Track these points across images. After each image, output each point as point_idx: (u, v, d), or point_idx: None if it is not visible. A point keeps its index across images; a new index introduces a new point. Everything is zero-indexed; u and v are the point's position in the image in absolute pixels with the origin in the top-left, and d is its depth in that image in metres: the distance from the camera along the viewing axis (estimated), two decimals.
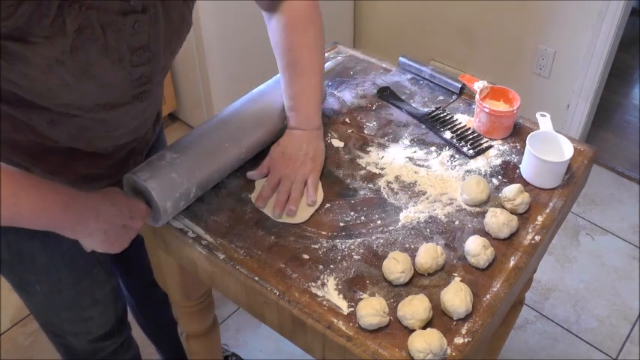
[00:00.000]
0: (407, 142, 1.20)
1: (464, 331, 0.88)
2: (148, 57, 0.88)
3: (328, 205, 1.06)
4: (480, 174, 1.13)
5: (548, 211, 1.06)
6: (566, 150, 1.10)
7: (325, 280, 0.94)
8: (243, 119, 1.11)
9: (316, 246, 0.99)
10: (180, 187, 0.98)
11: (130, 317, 1.39)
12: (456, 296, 0.89)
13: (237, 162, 1.09)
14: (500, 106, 1.21)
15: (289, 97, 1.12)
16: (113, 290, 1.24)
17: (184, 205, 1.02)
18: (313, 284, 0.94)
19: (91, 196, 0.90)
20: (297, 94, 1.12)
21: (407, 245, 1.00)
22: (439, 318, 0.90)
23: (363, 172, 1.13)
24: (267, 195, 1.06)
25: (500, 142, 1.20)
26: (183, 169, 0.99)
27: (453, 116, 1.25)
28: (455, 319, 0.89)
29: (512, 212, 1.04)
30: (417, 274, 0.95)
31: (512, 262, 0.98)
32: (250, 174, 1.10)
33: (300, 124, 1.12)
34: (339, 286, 0.94)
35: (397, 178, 1.12)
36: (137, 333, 1.45)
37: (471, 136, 1.20)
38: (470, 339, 0.87)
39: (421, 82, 1.36)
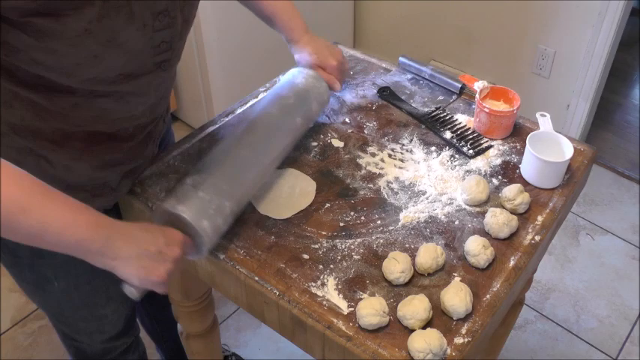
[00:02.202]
0: (406, 142, 1.20)
1: (464, 331, 0.88)
2: (167, 22, 0.90)
3: (328, 205, 1.06)
4: (480, 174, 1.13)
5: (548, 211, 1.06)
6: (566, 150, 1.10)
7: (325, 280, 0.94)
8: (258, 123, 1.09)
9: (316, 246, 0.99)
10: (211, 203, 0.93)
11: None
12: (456, 296, 0.89)
13: (264, 166, 1.05)
14: (501, 106, 1.21)
15: (278, 9, 1.20)
16: None
17: (225, 224, 0.96)
18: (313, 284, 0.94)
19: (123, 222, 0.86)
20: (287, 9, 1.21)
21: (407, 245, 1.00)
22: (439, 318, 0.90)
23: (363, 172, 1.13)
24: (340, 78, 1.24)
25: (500, 142, 1.20)
26: (209, 187, 0.95)
27: (453, 116, 1.25)
28: (455, 319, 0.89)
29: (512, 212, 1.04)
30: (416, 274, 0.95)
31: (512, 262, 0.98)
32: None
33: (305, 30, 1.23)
34: (339, 286, 0.94)
35: (397, 178, 1.12)
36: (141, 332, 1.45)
37: (471, 136, 1.20)
38: (470, 339, 0.87)
39: (421, 82, 1.36)
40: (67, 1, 0.74)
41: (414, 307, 0.87)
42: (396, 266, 0.93)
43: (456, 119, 1.25)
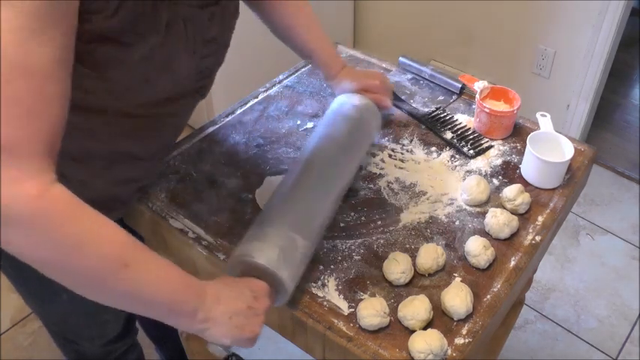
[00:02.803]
0: (407, 142, 1.20)
1: (464, 331, 0.88)
2: (215, 49, 0.90)
3: None
4: (480, 174, 1.13)
5: (548, 211, 1.06)
6: (566, 150, 1.10)
7: (326, 281, 0.94)
8: (322, 165, 1.03)
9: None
10: (289, 249, 0.88)
11: None
12: (457, 297, 0.89)
13: (332, 205, 1.00)
14: (501, 106, 1.21)
15: (318, 46, 1.18)
16: None
17: (301, 265, 0.91)
18: (313, 284, 0.94)
19: (207, 282, 0.82)
20: (322, 39, 1.20)
21: (407, 245, 1.00)
22: (439, 318, 0.90)
23: (363, 172, 1.13)
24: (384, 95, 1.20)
25: (500, 142, 1.20)
26: (283, 232, 0.90)
27: (453, 116, 1.25)
28: (455, 319, 0.89)
29: (513, 212, 1.04)
30: (417, 275, 0.95)
31: (512, 263, 0.98)
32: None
33: (342, 65, 1.21)
34: (340, 287, 0.94)
35: (397, 178, 1.12)
36: (140, 334, 1.45)
37: (471, 136, 1.20)
38: (470, 339, 0.87)
39: (421, 82, 1.36)
40: (137, 26, 0.72)
41: (415, 308, 0.87)
42: (396, 267, 0.93)
43: (456, 119, 1.24)
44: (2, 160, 0.62)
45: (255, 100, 1.31)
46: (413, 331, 0.87)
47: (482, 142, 1.19)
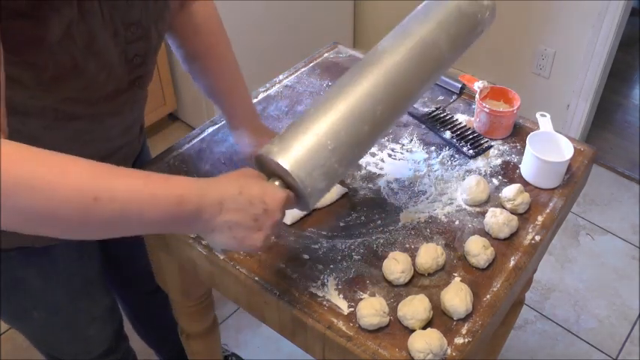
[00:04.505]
0: (406, 141, 1.20)
1: (464, 331, 0.88)
2: (140, 34, 0.88)
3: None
4: (480, 174, 1.13)
5: (548, 211, 1.06)
6: (566, 150, 1.10)
7: (325, 280, 0.94)
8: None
9: (316, 246, 0.99)
10: (323, 158, 0.80)
11: (128, 326, 1.38)
12: (456, 296, 0.89)
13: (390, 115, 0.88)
14: (501, 106, 1.21)
15: (231, 95, 1.08)
16: (110, 305, 1.23)
17: (335, 176, 0.83)
18: (313, 284, 0.94)
19: (214, 184, 0.75)
20: (238, 89, 1.08)
21: (407, 245, 1.00)
22: (439, 318, 0.90)
23: (363, 172, 1.13)
24: None
25: (500, 142, 1.20)
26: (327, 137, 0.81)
27: (453, 116, 1.25)
28: (455, 319, 0.89)
29: (513, 212, 1.04)
30: (417, 274, 0.95)
31: (512, 262, 0.98)
32: None
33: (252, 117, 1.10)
34: (339, 286, 0.94)
35: (397, 178, 1.12)
36: (135, 339, 1.45)
37: (471, 136, 1.20)
38: (470, 339, 0.87)
39: None
40: (46, 1, 0.71)
41: (415, 308, 0.87)
42: (396, 266, 0.93)
43: (456, 119, 1.24)
44: None
45: (255, 100, 1.31)
46: (412, 331, 0.87)
47: (482, 141, 1.19)
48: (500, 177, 1.13)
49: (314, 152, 0.80)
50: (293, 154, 0.79)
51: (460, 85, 1.31)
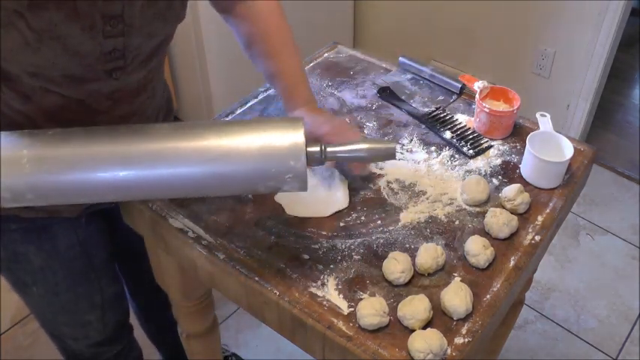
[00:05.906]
0: (406, 141, 1.20)
1: (464, 331, 0.88)
2: (121, 29, 0.85)
3: None
4: (480, 174, 1.13)
5: (548, 211, 1.06)
6: (566, 150, 1.10)
7: (325, 280, 0.94)
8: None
9: (316, 246, 0.99)
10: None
11: (132, 319, 1.38)
12: (456, 296, 0.89)
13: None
14: (501, 106, 1.21)
15: (290, 75, 1.10)
16: (115, 295, 1.24)
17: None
18: (313, 284, 0.94)
19: None
20: (297, 71, 1.11)
21: (407, 245, 1.00)
22: (439, 318, 0.90)
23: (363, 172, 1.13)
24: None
25: (500, 142, 1.20)
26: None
27: (453, 116, 1.25)
28: (455, 319, 0.89)
29: (513, 212, 1.04)
30: (417, 274, 0.95)
31: (512, 262, 0.98)
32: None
33: (306, 101, 1.10)
34: (339, 286, 0.94)
35: (397, 178, 1.12)
36: (138, 333, 1.45)
37: (471, 136, 1.20)
38: (470, 339, 0.87)
39: (421, 82, 1.36)
40: None
41: (414, 307, 0.87)
42: (396, 266, 0.93)
43: (456, 119, 1.24)
44: None
45: (255, 100, 1.31)
46: (412, 331, 0.87)
47: (482, 141, 1.19)
48: (500, 177, 1.13)
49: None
50: None
51: (460, 85, 1.31)
